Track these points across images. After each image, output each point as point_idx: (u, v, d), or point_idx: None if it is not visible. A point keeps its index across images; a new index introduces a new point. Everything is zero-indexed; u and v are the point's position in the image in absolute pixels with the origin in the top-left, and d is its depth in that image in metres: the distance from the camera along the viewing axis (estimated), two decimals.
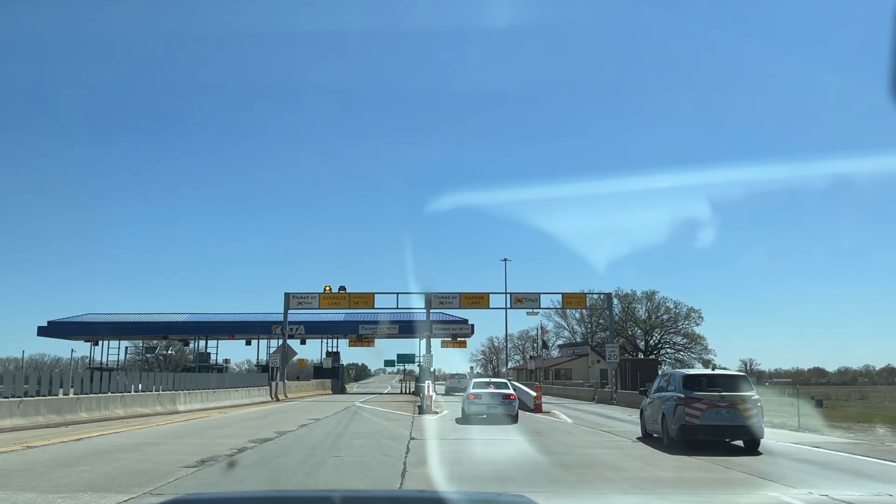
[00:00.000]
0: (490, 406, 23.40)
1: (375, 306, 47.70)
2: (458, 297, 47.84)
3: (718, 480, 11.21)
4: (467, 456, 14.14)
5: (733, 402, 15.29)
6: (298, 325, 65.93)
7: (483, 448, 15.64)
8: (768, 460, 14.04)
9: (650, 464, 13.19)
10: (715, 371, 18.54)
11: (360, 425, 21.99)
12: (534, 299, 48.21)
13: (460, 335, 68.60)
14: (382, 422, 24.11)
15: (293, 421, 23.52)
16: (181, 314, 68.50)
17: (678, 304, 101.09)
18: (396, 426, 21.66)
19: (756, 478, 11.51)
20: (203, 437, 17.49)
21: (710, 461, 13.41)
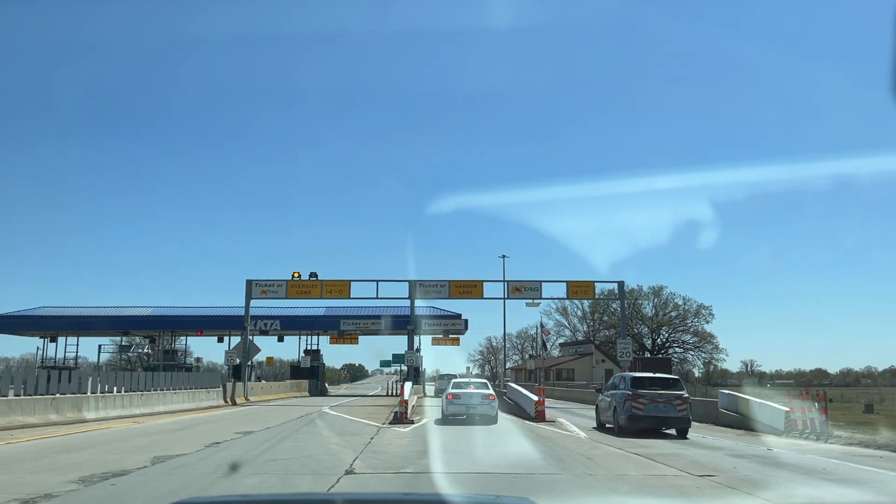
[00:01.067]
0: (469, 407, 22.76)
1: (352, 295, 41.42)
2: (447, 285, 41.59)
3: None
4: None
5: (668, 399, 19.48)
6: (272, 319, 59.70)
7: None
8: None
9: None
10: (656, 374, 23.13)
11: (294, 445, 15.72)
12: (534, 288, 41.95)
13: (452, 331, 62.30)
14: (331, 438, 17.84)
15: (211, 437, 17.27)
16: (145, 308, 62.23)
17: (687, 301, 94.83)
18: (344, 447, 15.41)
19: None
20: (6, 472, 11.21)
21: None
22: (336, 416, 27.83)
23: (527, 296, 41.87)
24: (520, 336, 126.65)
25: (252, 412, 30.05)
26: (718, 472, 11.81)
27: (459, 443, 16.39)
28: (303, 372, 61.26)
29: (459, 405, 22.94)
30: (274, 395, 46.48)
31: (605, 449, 15.72)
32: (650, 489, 10.10)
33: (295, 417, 26.22)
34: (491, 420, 22.63)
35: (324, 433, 19.48)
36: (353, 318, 59.84)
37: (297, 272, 40.81)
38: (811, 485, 10.86)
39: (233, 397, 36.87)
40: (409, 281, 41.47)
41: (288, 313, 61.63)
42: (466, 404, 22.88)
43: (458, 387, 24.25)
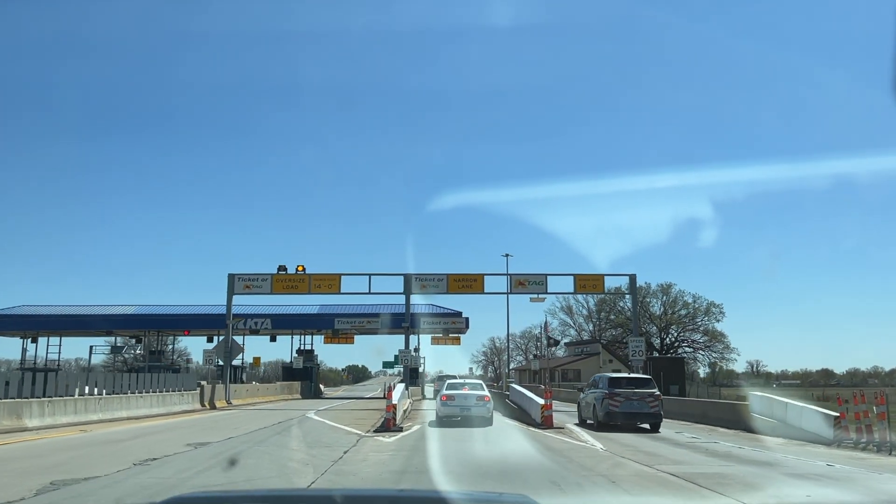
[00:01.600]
0: (463, 408, 22.36)
1: (343, 290, 38.43)
2: (445, 279, 38.57)
3: None
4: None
5: (642, 397, 21.68)
6: (263, 318, 56.82)
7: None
8: None
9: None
10: (631, 375, 25.47)
11: (247, 461, 12.73)
12: (539, 282, 38.90)
13: (453, 330, 59.30)
14: (297, 452, 14.85)
15: (152, 450, 14.30)
16: (129, 306, 59.32)
17: (697, 298, 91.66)
18: (306, 464, 12.43)
19: None
20: None
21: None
22: (318, 421, 24.84)
23: (531, 290, 38.85)
24: (524, 336, 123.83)
25: (226, 418, 27.08)
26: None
27: (450, 459, 13.36)
28: (296, 373, 58.33)
29: (454, 407, 22.48)
30: (261, 397, 43.54)
31: (630, 467, 12.68)
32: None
33: (270, 424, 23.25)
34: (486, 422, 22.16)
35: (292, 445, 16.50)
36: (348, 317, 56.92)
37: (284, 265, 37.90)
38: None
39: (211, 401, 33.89)
40: (405, 275, 38.48)
41: (279, 311, 58.75)
42: (461, 406, 22.42)
43: (452, 388, 23.80)
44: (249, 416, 28.55)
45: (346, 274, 38.71)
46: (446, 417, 22.41)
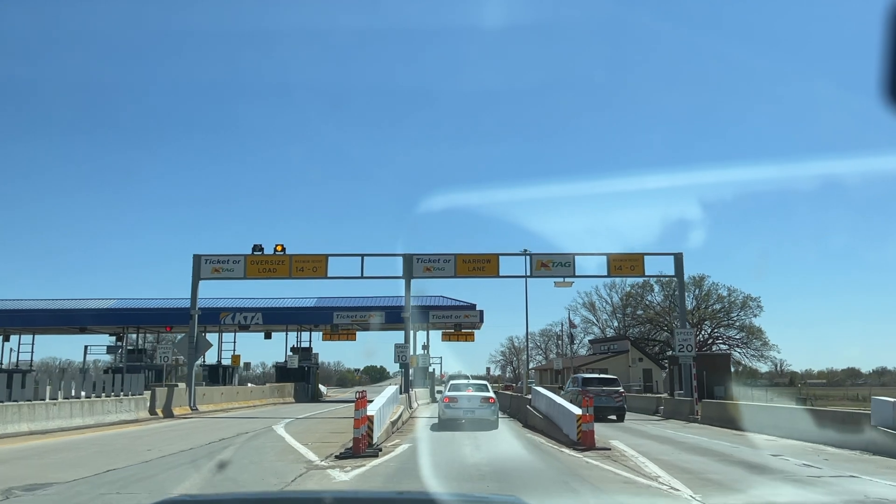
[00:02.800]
0: (467, 410, 21.39)
1: (330, 274, 32.13)
2: (452, 260, 32.16)
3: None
4: None
5: (609, 393, 26.38)
6: (253, 312, 50.67)
7: None
8: None
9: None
10: (600, 375, 31.04)
11: None
12: (565, 263, 32.35)
13: (465, 325, 52.78)
14: None
15: None
16: (107, 300, 53.46)
17: (732, 292, 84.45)
18: None
19: None
20: None
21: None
22: (276, 437, 18.58)
23: (556, 273, 32.32)
24: (543, 334, 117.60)
25: (162, 432, 20.88)
26: None
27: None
28: (291, 373, 52.15)
29: (457, 409, 21.61)
30: (241, 402, 37.38)
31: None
32: None
33: (208, 442, 17.06)
34: (491, 425, 21.33)
35: (186, 483, 10.19)
36: (348, 311, 50.66)
37: (260, 245, 31.68)
38: None
39: (167, 407, 27.72)
40: (404, 255, 32.12)
41: (271, 305, 52.64)
42: (465, 408, 21.55)
43: (455, 388, 22.66)
44: (200, 427, 22.36)
45: (335, 255, 32.44)
46: (449, 420, 21.51)
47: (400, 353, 29.30)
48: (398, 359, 29.38)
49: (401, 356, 29.22)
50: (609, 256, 32.64)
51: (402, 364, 31.21)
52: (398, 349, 29.44)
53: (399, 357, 29.31)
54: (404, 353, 29.29)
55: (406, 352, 29.32)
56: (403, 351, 29.29)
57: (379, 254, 33.01)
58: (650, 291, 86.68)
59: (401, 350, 29.31)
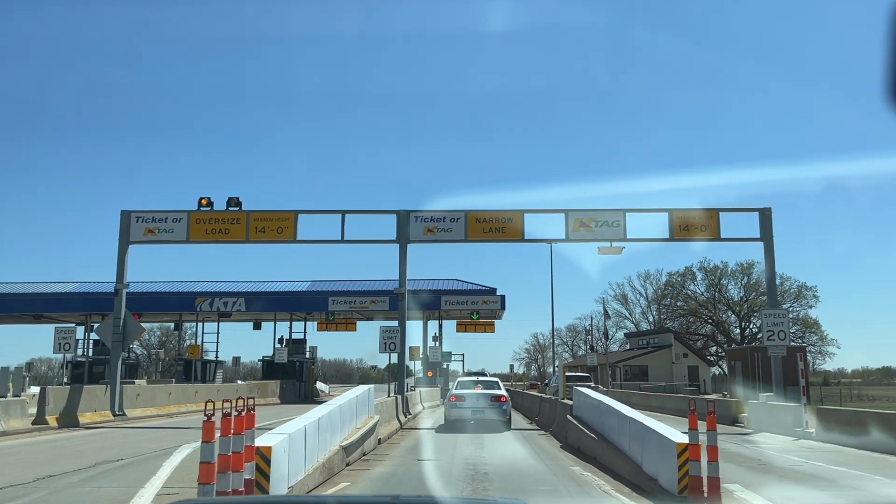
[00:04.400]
0: (476, 410, 19.83)
1: (300, 237, 24.31)
2: (461, 218, 24.22)
3: None
4: None
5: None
6: (234, 297, 43.12)
7: None
8: None
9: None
10: (577, 374, 38.57)
11: None
12: (613, 223, 24.26)
13: (484, 312, 44.79)
14: None
15: None
16: (69, 283, 46.32)
17: (785, 280, 75.15)
18: None
19: None
20: None
21: None
22: (139, 477, 10.80)
23: (600, 236, 24.17)
24: (570, 330, 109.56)
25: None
26: None
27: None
28: (279, 370, 44.53)
29: (464, 409, 19.88)
30: (199, 404, 29.67)
31: None
32: None
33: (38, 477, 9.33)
34: (502, 426, 19.56)
35: None
36: (346, 296, 42.99)
37: (208, 198, 23.97)
38: None
39: (69, 414, 20.12)
40: (397, 212, 24.20)
41: (256, 289, 45.10)
42: (473, 408, 19.84)
43: (463, 387, 20.96)
44: (58, 448, 14.72)
45: (306, 211, 24.59)
46: (456, 421, 19.77)
47: (388, 339, 21.32)
48: (385, 347, 21.40)
49: (389, 343, 21.24)
50: (672, 214, 24.44)
51: (399, 356, 23.33)
52: (385, 334, 21.46)
53: (386, 345, 21.31)
54: (393, 338, 21.32)
55: (396, 337, 21.37)
56: (392, 336, 21.31)
57: (365, 210, 25.25)
58: (692, 280, 77.93)
59: (389, 335, 21.32)
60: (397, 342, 21.30)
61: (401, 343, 23.18)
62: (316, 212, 24.94)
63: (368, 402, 14.72)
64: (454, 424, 19.58)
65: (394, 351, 21.18)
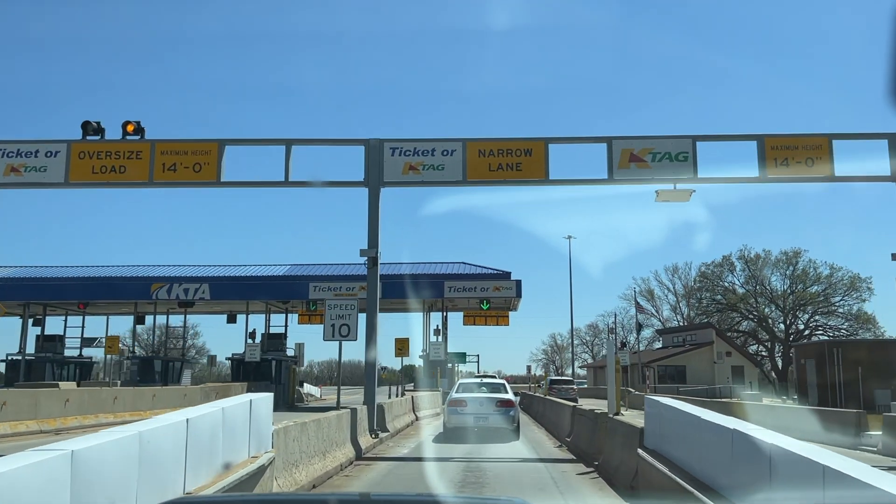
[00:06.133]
0: (479, 417, 17.49)
1: (225, 178, 16.97)
2: (458, 149, 16.80)
3: None
4: None
5: (567, 388, 37.64)
6: (197, 283, 35.97)
7: None
8: None
9: None
10: (561, 377, 50.90)
11: None
12: (679, 155, 16.78)
13: (496, 301, 37.36)
14: None
15: None
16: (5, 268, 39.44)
17: (836, 270, 67.02)
18: None
19: None
20: None
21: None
22: None
23: (660, 175, 16.64)
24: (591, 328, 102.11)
25: None
26: None
27: None
28: (252, 369, 37.31)
29: (466, 415, 17.51)
30: (119, 414, 22.44)
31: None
32: None
33: None
34: (508, 435, 17.18)
35: None
36: (329, 281, 35.75)
37: (96, 122, 16.80)
38: None
39: None
40: (366, 142, 16.83)
41: (222, 273, 37.93)
42: (475, 414, 17.54)
43: (465, 390, 18.94)
44: None
45: (236, 142, 17.26)
46: (457, 428, 17.29)
47: (337, 319, 13.79)
48: (334, 332, 13.81)
49: (339, 327, 13.70)
50: (764, 142, 16.90)
51: (368, 348, 15.90)
52: (333, 312, 13.95)
53: (335, 329, 13.78)
54: (346, 319, 13.77)
55: (351, 318, 13.81)
56: (344, 316, 13.79)
57: (320, 139, 17.88)
58: (730, 270, 69.92)
59: (338, 315, 13.79)
60: (352, 325, 13.85)
61: (369, 330, 15.79)
62: (250, 142, 17.62)
63: (250, 425, 7.33)
64: (454, 434, 17.11)
65: (347, 338, 13.74)
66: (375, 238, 16.66)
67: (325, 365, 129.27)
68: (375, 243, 16.63)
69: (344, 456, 11.67)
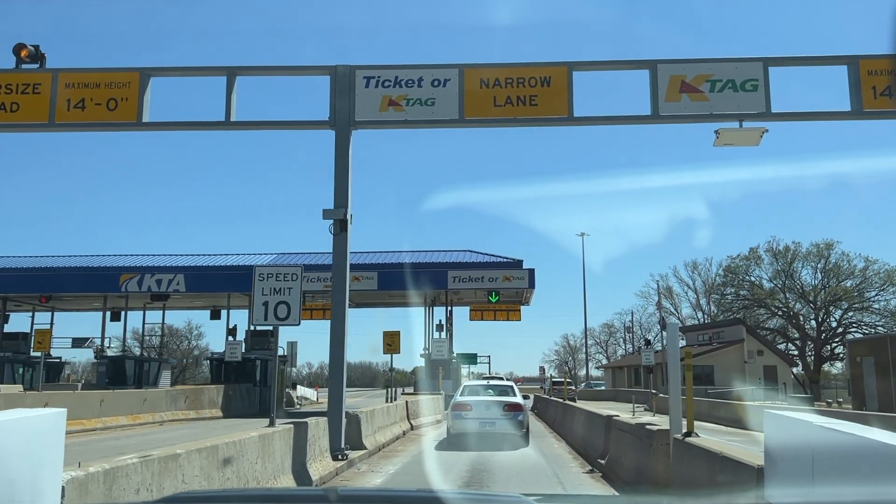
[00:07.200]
0: (485, 421, 16.20)
1: (149, 117, 13.00)
2: (454, 78, 12.72)
3: None
4: None
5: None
6: (170, 273, 32.06)
7: None
8: None
9: None
10: (559, 378, 48.42)
11: None
12: (746, 83, 12.65)
13: (507, 293, 33.28)
14: None
15: None
16: None
17: (871, 263, 62.36)
18: None
19: None
20: None
21: None
22: None
23: (723, 108, 12.61)
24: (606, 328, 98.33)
25: None
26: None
27: None
28: (234, 370, 33.41)
29: (471, 420, 16.23)
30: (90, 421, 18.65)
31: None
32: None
33: None
34: (518, 442, 15.92)
35: None
36: (320, 270, 31.65)
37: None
38: None
39: None
40: (334, 70, 12.87)
41: (200, 263, 34.05)
42: (481, 419, 16.21)
43: (470, 393, 17.72)
44: None
45: (161, 71, 13.27)
46: (460, 435, 16.09)
47: (272, 297, 9.54)
48: (266, 314, 9.57)
49: (275, 305, 9.60)
50: (858, 66, 12.72)
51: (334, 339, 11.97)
52: (263, 289, 9.55)
53: (269, 307, 9.58)
54: (284, 295, 9.56)
55: (293, 292, 9.63)
56: (280, 292, 9.63)
57: (273, 67, 13.91)
58: (757, 263, 65.37)
59: (272, 286, 9.40)
60: (294, 304, 9.76)
61: (336, 317, 11.81)
62: (181, 71, 13.62)
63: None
64: (456, 443, 15.93)
65: (286, 322, 9.68)
66: (344, 195, 12.66)
67: (353, 368, 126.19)
68: (344, 201, 12.63)
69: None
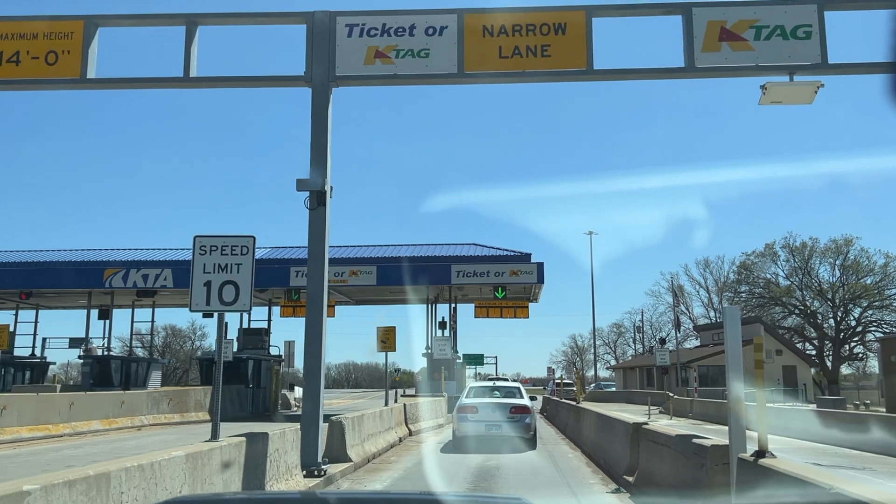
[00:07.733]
0: (490, 425, 15.89)
1: (96, 73, 11.08)
2: (451, 25, 10.76)
3: None
4: None
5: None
6: (157, 268, 30.18)
7: None
8: None
9: None
10: (564, 380, 47.55)
11: None
12: (796, 31, 10.65)
13: (514, 289, 31.28)
14: None
15: None
16: None
17: (892, 259, 60.07)
18: None
19: None
20: None
21: None
22: None
23: (771, 58, 10.71)
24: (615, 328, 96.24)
25: None
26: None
27: None
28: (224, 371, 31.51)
29: (477, 423, 15.85)
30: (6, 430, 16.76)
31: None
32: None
33: None
34: (525, 444, 15.59)
35: None
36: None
37: None
38: None
39: None
40: (311, 17, 11.01)
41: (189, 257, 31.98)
42: (487, 421, 15.86)
43: (476, 394, 17.48)
44: None
45: (110, 19, 11.36)
46: (466, 437, 15.88)
47: (216, 275, 7.09)
48: (209, 297, 6.99)
49: (219, 286, 7.12)
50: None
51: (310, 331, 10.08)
52: (203, 265, 7.20)
53: (212, 288, 7.15)
54: (231, 273, 7.43)
55: (243, 269, 7.14)
56: (226, 269, 7.37)
57: (238, 14, 11.99)
58: (773, 260, 63.18)
59: (215, 261, 6.88)
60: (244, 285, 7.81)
61: (312, 306, 9.94)
62: (133, 20, 11.67)
63: None
64: (459, 449, 15.23)
65: (233, 307, 7.66)
66: (323, 162, 10.74)
67: (361, 369, 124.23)
68: (323, 170, 10.71)
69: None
